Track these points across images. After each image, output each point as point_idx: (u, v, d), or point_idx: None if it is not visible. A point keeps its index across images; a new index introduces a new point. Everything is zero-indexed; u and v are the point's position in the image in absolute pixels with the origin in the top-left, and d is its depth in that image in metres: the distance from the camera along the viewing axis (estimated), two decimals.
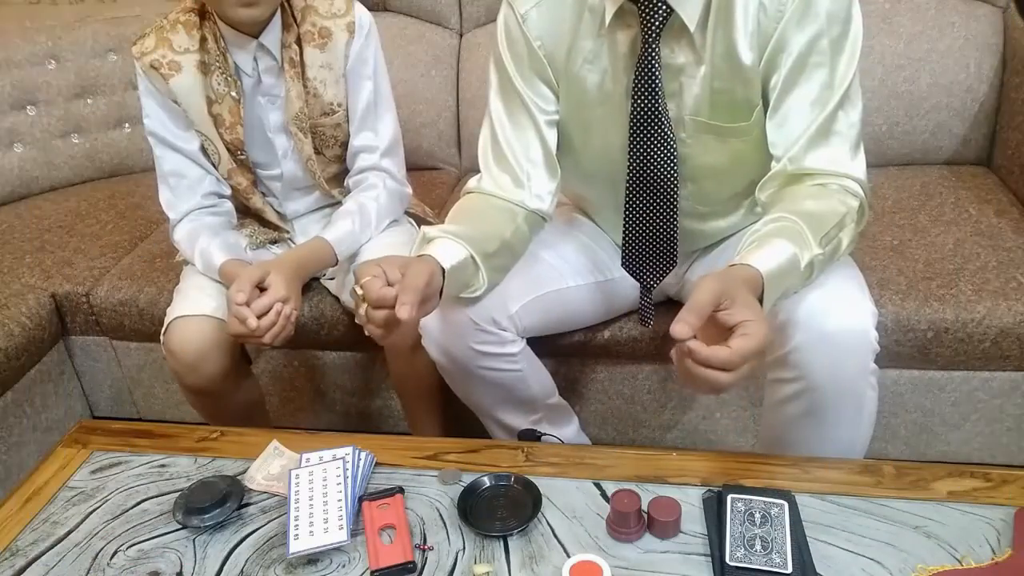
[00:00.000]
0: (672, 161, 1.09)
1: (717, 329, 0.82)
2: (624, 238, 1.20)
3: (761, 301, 0.86)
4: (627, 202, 1.16)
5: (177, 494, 1.00)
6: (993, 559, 0.84)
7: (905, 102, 1.75)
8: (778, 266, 0.88)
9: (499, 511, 0.94)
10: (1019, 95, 1.65)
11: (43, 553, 0.96)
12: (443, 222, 1.13)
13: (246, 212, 1.52)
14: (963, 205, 1.61)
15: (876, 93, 1.74)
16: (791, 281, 0.91)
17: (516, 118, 1.14)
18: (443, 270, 1.00)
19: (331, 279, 1.52)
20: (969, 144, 1.77)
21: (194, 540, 0.95)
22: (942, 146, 1.78)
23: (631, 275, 1.24)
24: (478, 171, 1.19)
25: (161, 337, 1.35)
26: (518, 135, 1.14)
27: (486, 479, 0.98)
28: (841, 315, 0.97)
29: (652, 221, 1.16)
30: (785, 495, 0.90)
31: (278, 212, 1.52)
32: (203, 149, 1.39)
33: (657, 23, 1.00)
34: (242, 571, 0.91)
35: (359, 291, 0.96)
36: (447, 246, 1.03)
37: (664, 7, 0.98)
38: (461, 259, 1.03)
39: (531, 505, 0.94)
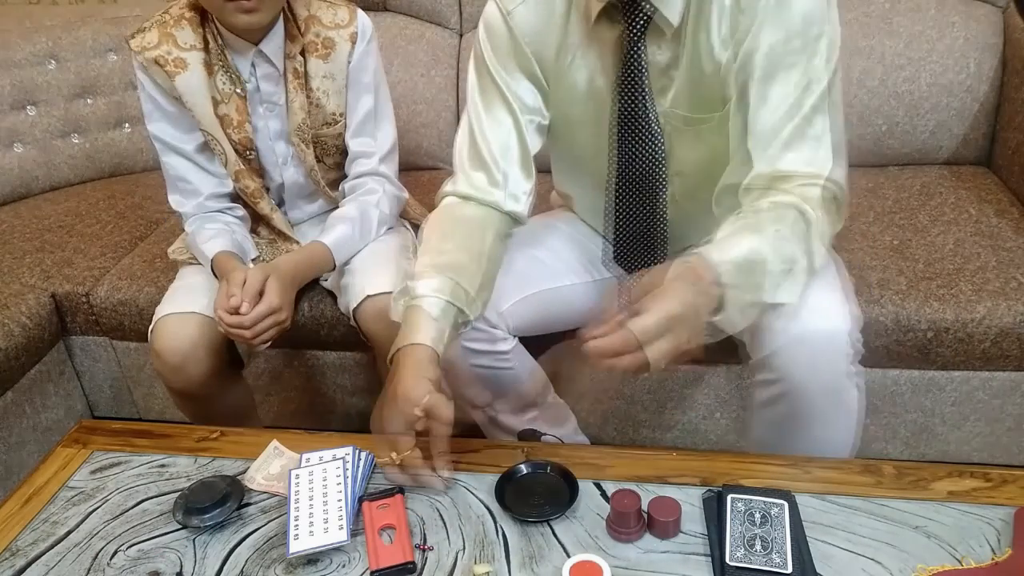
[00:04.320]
0: (658, 158, 1.09)
1: None
2: (616, 234, 1.20)
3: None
4: (617, 198, 1.16)
5: (177, 494, 1.00)
6: (993, 559, 0.84)
7: (905, 102, 1.74)
8: (737, 254, 0.89)
9: (535, 498, 0.94)
10: (1019, 95, 1.65)
11: (43, 553, 0.96)
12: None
13: (255, 219, 1.49)
14: (963, 205, 1.61)
15: (876, 93, 1.74)
16: (760, 251, 0.90)
17: (494, 114, 1.11)
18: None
19: (326, 279, 1.51)
20: (969, 144, 1.77)
21: (194, 540, 0.95)
22: (942, 146, 1.78)
23: (625, 270, 1.24)
24: None
25: (148, 336, 1.34)
26: (495, 132, 1.11)
27: (523, 467, 0.98)
28: (817, 319, 0.97)
29: (641, 217, 1.16)
30: (785, 495, 0.90)
31: (286, 218, 1.50)
32: (209, 149, 1.38)
33: (641, 22, 1.00)
34: (242, 571, 0.91)
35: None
36: (434, 314, 1.00)
37: (648, 5, 0.98)
38: (448, 327, 1.02)
39: (568, 492, 0.94)
